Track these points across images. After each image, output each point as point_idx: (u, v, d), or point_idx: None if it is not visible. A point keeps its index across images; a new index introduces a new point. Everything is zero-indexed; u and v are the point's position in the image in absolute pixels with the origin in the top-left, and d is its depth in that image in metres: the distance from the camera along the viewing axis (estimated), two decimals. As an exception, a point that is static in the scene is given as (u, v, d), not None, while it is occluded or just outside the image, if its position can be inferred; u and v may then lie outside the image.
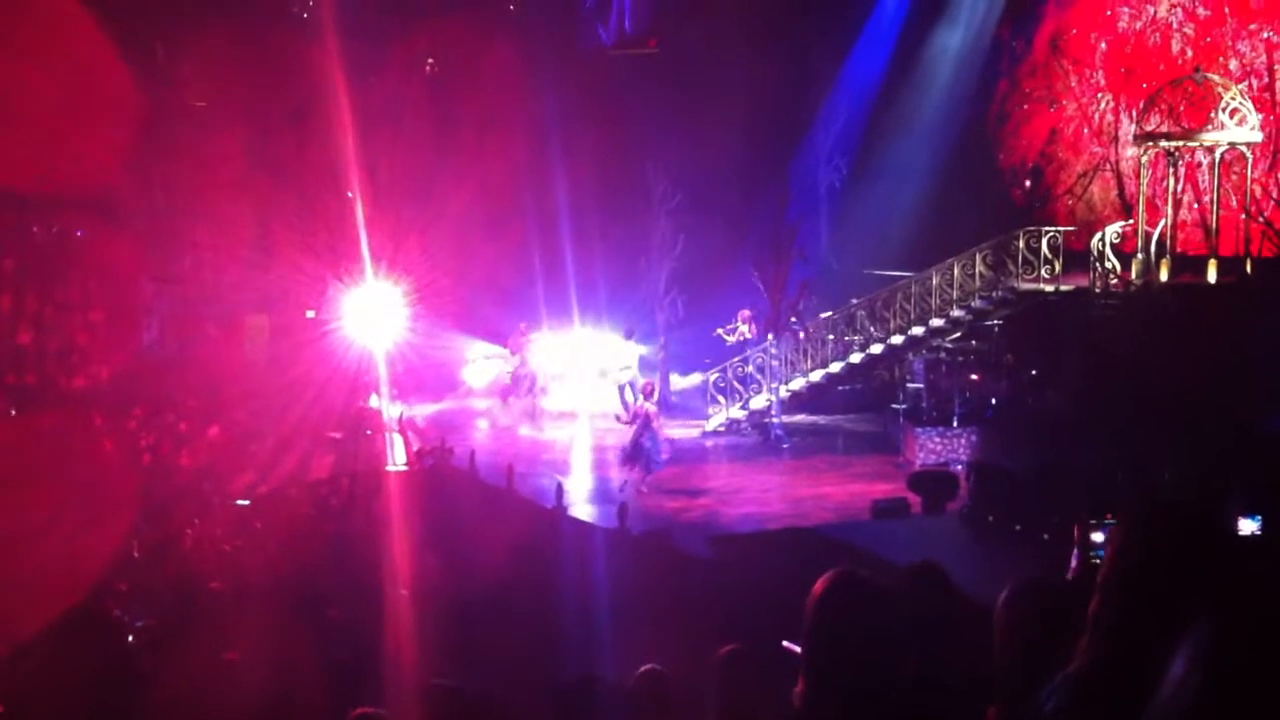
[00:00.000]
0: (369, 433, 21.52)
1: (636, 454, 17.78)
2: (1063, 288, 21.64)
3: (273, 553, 13.22)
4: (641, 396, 18.52)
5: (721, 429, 22.13)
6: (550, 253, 26.06)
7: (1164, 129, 20.37)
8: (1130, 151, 22.84)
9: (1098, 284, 20.45)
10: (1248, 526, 10.10)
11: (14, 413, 21.91)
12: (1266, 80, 21.72)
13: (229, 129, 24.63)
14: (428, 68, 28.56)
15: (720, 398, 22.37)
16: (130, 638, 10.20)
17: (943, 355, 21.32)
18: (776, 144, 28.50)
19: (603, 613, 8.77)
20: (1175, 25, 23.30)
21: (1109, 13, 24.22)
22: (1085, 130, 24.63)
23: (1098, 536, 6.15)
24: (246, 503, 17.52)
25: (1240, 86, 20.57)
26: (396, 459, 20.33)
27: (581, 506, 16.77)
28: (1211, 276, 19.59)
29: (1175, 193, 20.83)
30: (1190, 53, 22.52)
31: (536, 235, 26.09)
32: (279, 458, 20.22)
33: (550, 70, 27.26)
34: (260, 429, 21.34)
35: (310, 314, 26.08)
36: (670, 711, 4.88)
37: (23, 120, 20.38)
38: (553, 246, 25.99)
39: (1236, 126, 19.65)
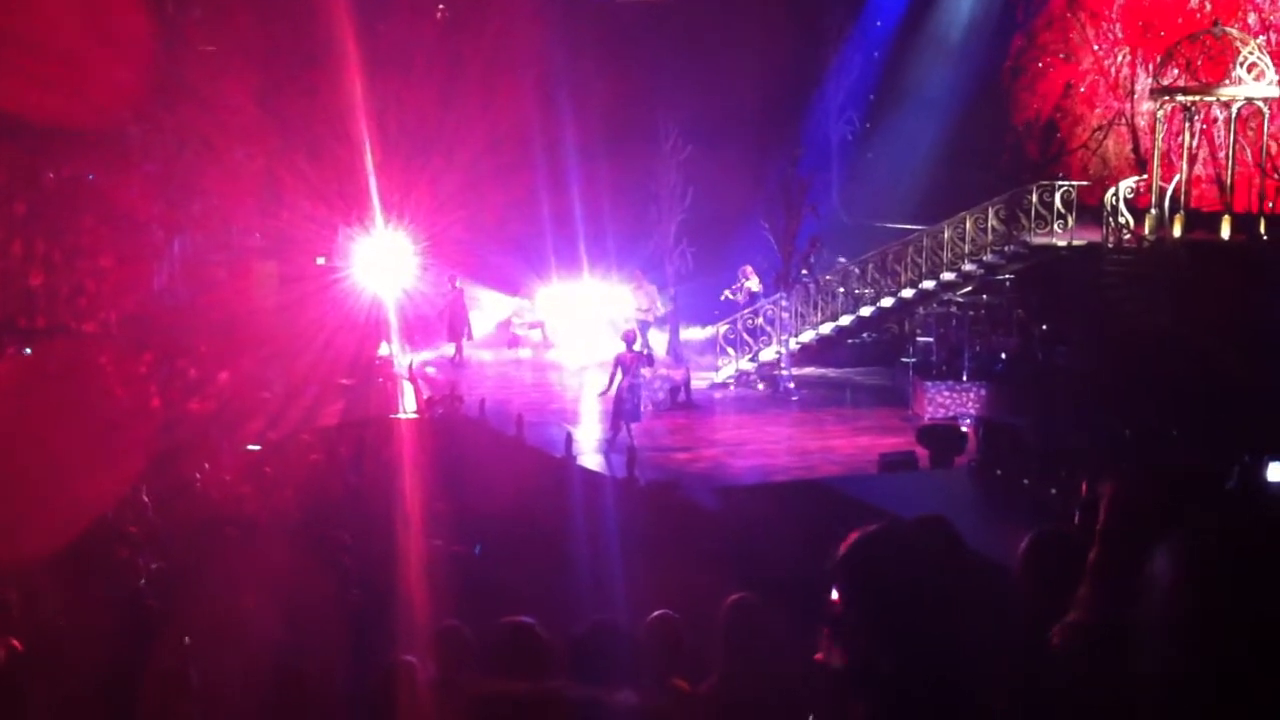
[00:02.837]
0: (381, 380, 21.61)
1: (619, 409, 17.38)
2: (1075, 242, 21.55)
3: (283, 498, 13.30)
4: (624, 344, 17.96)
5: (730, 381, 22.15)
6: (560, 202, 25.98)
7: (1181, 83, 20.20)
8: (1146, 106, 22.67)
9: (1110, 239, 20.37)
10: (1277, 471, 10.27)
11: (26, 351, 22.00)
12: (1285, 35, 21.50)
13: (239, 74, 24.50)
14: (438, 14, 28.34)
15: (729, 350, 22.37)
16: (141, 581, 10.31)
17: (953, 309, 21.28)
18: (788, 96, 28.30)
19: (613, 560, 8.84)
20: (1194, -22, 23.04)
21: (1127, -35, 23.94)
22: (1101, 84, 24.41)
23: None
24: (257, 448, 17.62)
25: (1258, 41, 20.35)
26: (407, 407, 20.41)
27: (590, 456, 16.83)
28: (1225, 233, 19.51)
29: (1190, 148, 20.67)
30: (1209, 6, 22.26)
31: (546, 184, 25.99)
32: (289, 404, 20.31)
33: (562, 18, 27.04)
34: (271, 376, 21.42)
35: (320, 261, 26.09)
36: (681, 656, 4.97)
37: (33, 62, 20.29)
38: (562, 196, 25.91)
39: (1254, 82, 19.48)
